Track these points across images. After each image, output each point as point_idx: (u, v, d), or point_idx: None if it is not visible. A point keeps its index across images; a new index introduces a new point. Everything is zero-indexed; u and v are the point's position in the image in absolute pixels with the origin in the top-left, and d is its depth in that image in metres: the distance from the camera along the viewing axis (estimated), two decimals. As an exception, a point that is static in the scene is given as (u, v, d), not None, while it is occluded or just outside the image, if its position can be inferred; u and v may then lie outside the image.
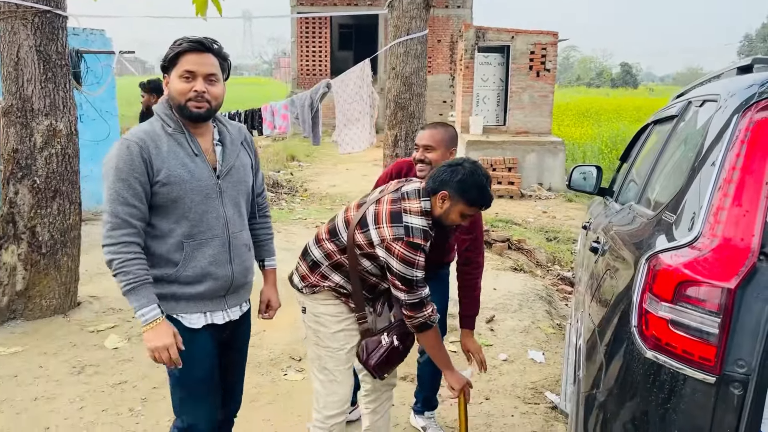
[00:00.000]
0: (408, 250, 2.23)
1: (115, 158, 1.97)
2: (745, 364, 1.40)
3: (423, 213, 2.29)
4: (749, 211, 1.47)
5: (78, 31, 7.64)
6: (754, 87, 1.65)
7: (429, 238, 2.28)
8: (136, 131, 2.04)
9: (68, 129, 4.41)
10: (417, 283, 2.28)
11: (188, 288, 2.10)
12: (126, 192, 1.97)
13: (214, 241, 2.12)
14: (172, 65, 2.05)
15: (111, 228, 1.97)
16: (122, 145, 1.99)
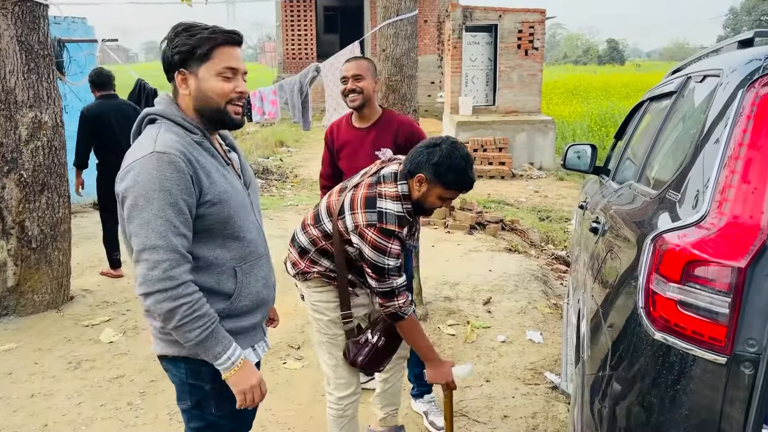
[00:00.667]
0: (380, 236, 2.17)
1: (158, 178, 1.58)
2: (756, 344, 1.39)
3: (399, 197, 2.23)
4: (758, 188, 1.44)
5: (59, 19, 7.48)
6: (757, 61, 1.62)
7: (405, 224, 2.23)
8: (168, 141, 1.64)
9: (54, 120, 4.33)
10: (389, 271, 2.21)
11: (244, 320, 1.82)
12: (177, 219, 1.60)
13: (261, 261, 1.87)
14: (203, 60, 1.69)
15: (169, 267, 1.58)
16: (162, 160, 1.59)
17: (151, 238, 1.57)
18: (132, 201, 1.59)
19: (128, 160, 1.65)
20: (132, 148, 1.70)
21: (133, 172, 1.60)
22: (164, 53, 1.74)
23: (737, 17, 70.77)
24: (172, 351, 1.75)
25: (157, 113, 1.73)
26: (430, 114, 20.69)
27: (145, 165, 1.59)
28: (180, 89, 1.74)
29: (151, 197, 1.57)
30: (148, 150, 1.62)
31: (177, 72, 1.72)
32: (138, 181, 1.58)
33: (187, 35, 1.69)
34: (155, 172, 1.58)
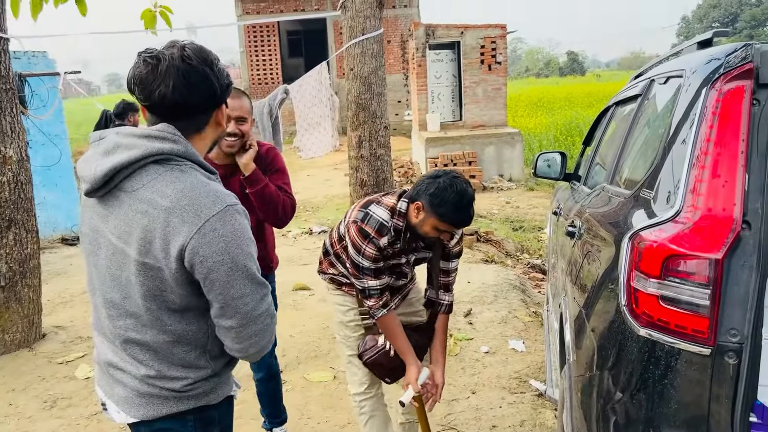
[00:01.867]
0: (358, 235, 2.29)
1: (246, 231, 1.47)
2: (738, 333, 1.42)
3: (392, 209, 2.32)
4: (728, 181, 1.48)
5: (19, 54, 7.38)
6: (718, 60, 1.67)
7: (385, 234, 2.29)
8: (224, 191, 1.47)
9: (19, 155, 4.24)
10: (363, 270, 2.33)
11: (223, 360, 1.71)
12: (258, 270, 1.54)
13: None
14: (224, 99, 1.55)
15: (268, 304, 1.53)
16: (240, 212, 1.46)
17: (261, 292, 1.50)
18: (231, 263, 1.42)
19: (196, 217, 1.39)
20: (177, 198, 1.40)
21: (216, 232, 1.40)
22: (215, 84, 1.47)
23: (689, 25, 73.13)
24: (185, 406, 1.58)
25: (177, 153, 1.45)
26: (398, 132, 20.83)
27: (227, 222, 1.42)
28: (216, 128, 1.54)
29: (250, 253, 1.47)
30: (218, 203, 1.42)
31: (222, 106, 1.52)
32: (229, 241, 1.41)
33: (221, 70, 1.51)
34: (240, 226, 1.45)
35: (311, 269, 6.16)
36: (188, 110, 1.46)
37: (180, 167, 1.45)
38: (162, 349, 1.53)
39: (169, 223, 1.39)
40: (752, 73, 1.55)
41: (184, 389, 1.57)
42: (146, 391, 1.56)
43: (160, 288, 1.46)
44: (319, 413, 3.39)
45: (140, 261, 1.43)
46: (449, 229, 2.28)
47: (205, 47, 1.51)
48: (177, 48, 1.44)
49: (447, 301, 2.58)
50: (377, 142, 4.43)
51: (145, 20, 5.08)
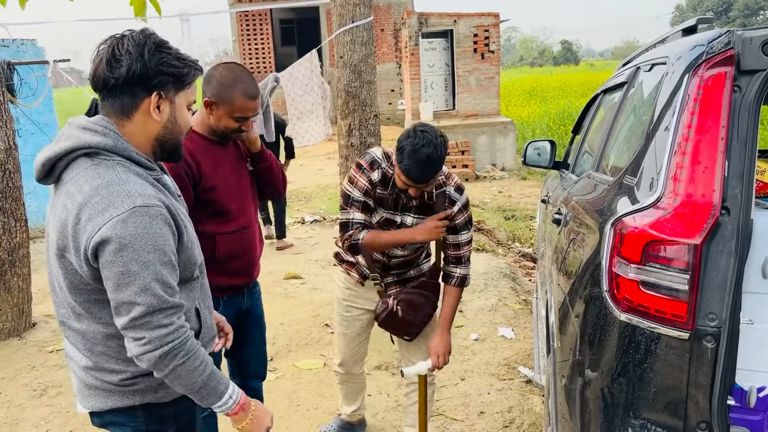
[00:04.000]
0: (355, 168, 2.46)
1: (151, 237, 1.39)
2: (716, 317, 1.43)
3: (387, 154, 2.46)
4: (708, 168, 1.49)
5: (8, 42, 7.32)
6: (701, 47, 1.68)
7: (376, 168, 2.41)
8: (142, 189, 1.42)
9: (6, 143, 4.22)
10: (352, 201, 2.43)
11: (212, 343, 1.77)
12: (172, 278, 1.46)
13: (208, 291, 1.77)
14: (182, 88, 1.52)
15: (165, 317, 1.43)
16: (149, 214, 1.40)
17: (153, 303, 1.40)
18: (122, 268, 1.37)
19: (98, 219, 1.36)
20: (89, 196, 1.38)
21: (115, 236, 1.35)
22: (135, 63, 1.42)
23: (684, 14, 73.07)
24: (130, 401, 1.57)
25: (104, 147, 1.43)
26: (391, 122, 20.78)
27: (129, 225, 1.37)
28: (151, 115, 1.48)
29: (146, 261, 1.39)
30: (125, 204, 1.37)
31: (154, 93, 1.46)
32: (126, 245, 1.36)
33: (173, 56, 1.48)
34: (144, 231, 1.38)
35: (303, 258, 6.17)
36: (113, 89, 1.45)
37: (107, 162, 1.43)
38: (98, 340, 1.53)
39: (79, 220, 1.39)
40: (733, 59, 1.56)
41: (123, 383, 1.55)
42: (90, 382, 1.57)
43: (81, 281, 1.46)
44: (308, 400, 3.41)
45: (59, 254, 1.46)
46: (408, 182, 2.29)
47: (157, 35, 1.49)
48: (129, 31, 1.48)
49: (459, 274, 2.57)
50: (367, 130, 4.42)
51: (135, 7, 5.04)
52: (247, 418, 1.61)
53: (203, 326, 1.67)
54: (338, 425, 3.03)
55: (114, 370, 1.54)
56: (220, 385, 1.54)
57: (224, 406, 1.56)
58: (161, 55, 1.45)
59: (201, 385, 1.50)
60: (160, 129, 1.51)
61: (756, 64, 1.54)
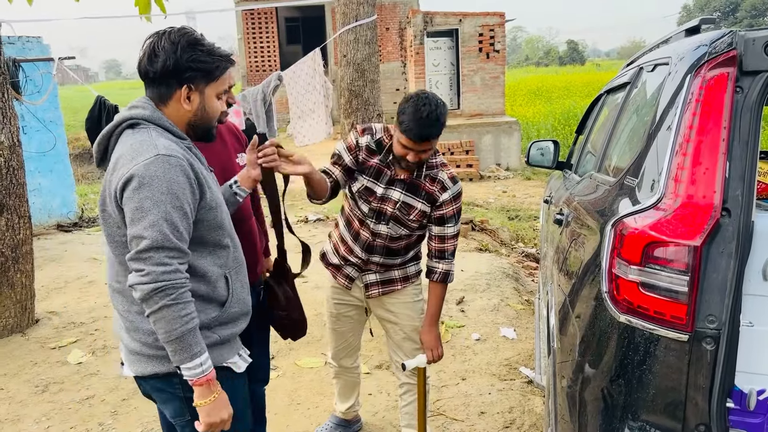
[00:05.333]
0: (352, 132, 2.52)
1: (166, 181, 1.54)
2: (716, 320, 1.42)
3: (386, 128, 2.52)
4: (709, 169, 1.48)
5: (13, 39, 7.34)
6: (704, 47, 1.67)
7: (366, 133, 2.48)
8: (168, 144, 1.61)
9: (10, 140, 4.23)
10: (332, 155, 2.53)
11: (234, 327, 1.80)
12: (182, 224, 1.58)
13: (243, 267, 1.86)
14: (213, 80, 1.71)
15: (167, 257, 1.55)
16: (169, 162, 1.56)
17: (158, 239, 1.53)
18: (137, 204, 1.53)
19: (128, 165, 1.55)
20: (124, 152, 1.59)
21: (137, 174, 1.53)
22: (169, 59, 1.62)
23: (691, 14, 72.78)
24: (166, 368, 1.67)
25: (143, 117, 1.66)
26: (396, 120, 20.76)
27: (150, 167, 1.54)
28: (182, 104, 1.69)
29: (159, 200, 1.53)
30: (151, 152, 1.56)
31: (185, 86, 1.67)
32: (144, 183, 1.53)
33: (205, 53, 1.67)
34: (162, 174, 1.54)
35: (305, 257, 6.17)
36: (152, 79, 1.67)
37: (144, 129, 1.64)
38: (133, 298, 1.62)
39: (115, 169, 1.59)
40: (736, 60, 1.55)
41: (158, 344, 1.64)
42: (132, 347, 1.71)
43: (117, 232, 1.63)
44: (309, 398, 3.41)
45: (101, 209, 1.66)
46: (410, 144, 2.28)
47: (193, 33, 1.69)
48: (171, 28, 1.68)
49: (441, 270, 2.52)
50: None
51: (140, 6, 5.04)
52: (210, 396, 1.63)
53: (232, 295, 1.77)
54: (334, 423, 3.04)
55: (150, 331, 1.64)
56: (195, 347, 1.59)
57: (193, 370, 1.59)
58: (192, 52, 1.65)
59: (179, 335, 1.55)
60: (191, 115, 1.72)
61: (758, 65, 1.53)
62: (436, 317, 2.59)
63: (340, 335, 2.83)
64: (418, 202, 2.47)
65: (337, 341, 2.86)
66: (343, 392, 3.00)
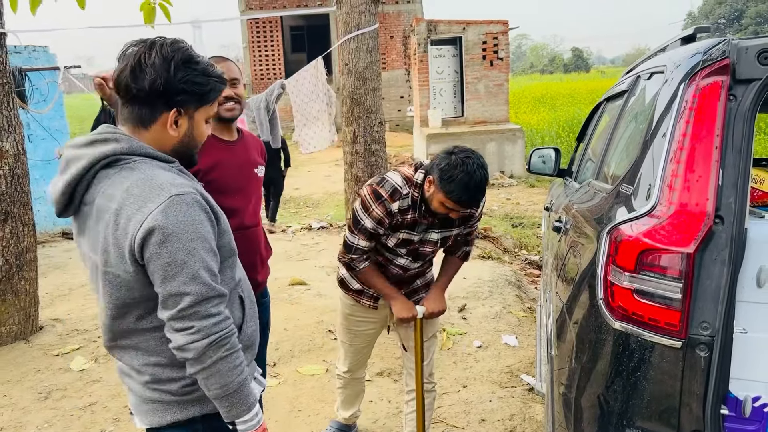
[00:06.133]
0: (370, 195, 2.34)
1: (192, 224, 1.38)
2: (709, 326, 1.43)
3: (407, 178, 2.35)
4: (702, 176, 1.50)
5: (20, 49, 7.41)
6: (698, 55, 1.68)
7: (397, 199, 2.32)
8: (170, 179, 1.41)
9: (15, 149, 4.26)
10: (361, 229, 2.38)
11: (252, 350, 1.67)
12: (215, 265, 1.45)
13: (248, 281, 1.73)
14: (203, 104, 1.50)
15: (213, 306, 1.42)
16: (186, 202, 1.38)
17: (202, 292, 1.39)
18: (169, 259, 1.36)
19: (138, 215, 1.35)
20: (122, 199, 1.38)
21: (158, 226, 1.34)
22: (159, 78, 1.39)
23: (695, 21, 72.72)
24: (190, 413, 1.54)
25: (122, 152, 1.42)
26: (401, 128, 20.82)
27: (170, 214, 1.35)
28: (168, 129, 1.47)
29: (191, 249, 1.38)
30: (161, 195, 1.37)
31: (174, 110, 1.45)
32: (170, 234, 1.35)
33: (200, 73, 1.45)
34: (185, 218, 1.37)
35: (309, 264, 6.19)
36: (135, 97, 1.42)
37: (129, 165, 1.43)
38: (152, 349, 1.50)
39: (119, 225, 1.38)
40: (729, 68, 1.56)
41: (183, 391, 1.52)
42: (149, 396, 1.54)
43: (127, 296, 1.44)
44: (310, 405, 3.41)
45: (104, 270, 1.43)
46: (456, 207, 2.26)
47: (188, 49, 1.46)
48: (161, 39, 1.44)
49: (464, 249, 2.63)
50: (372, 137, 4.44)
51: (144, 14, 5.09)
52: None
53: (246, 314, 1.63)
54: (336, 428, 3.05)
55: (173, 378, 1.51)
56: (251, 396, 1.49)
57: (249, 422, 1.49)
58: (187, 72, 1.43)
59: (236, 387, 1.45)
60: (176, 142, 1.51)
61: (751, 74, 1.54)
62: (446, 285, 2.66)
63: (358, 351, 2.83)
64: (454, 229, 2.49)
65: (354, 356, 2.85)
66: (348, 400, 3.00)
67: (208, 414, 1.55)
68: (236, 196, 2.31)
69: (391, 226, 2.38)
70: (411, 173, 2.37)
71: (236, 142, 2.41)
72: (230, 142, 2.38)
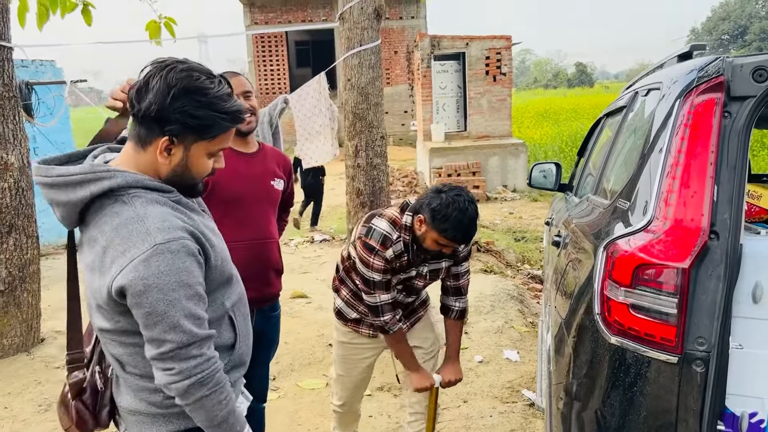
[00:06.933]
0: (364, 250, 2.31)
1: (174, 273, 1.37)
2: (705, 342, 1.43)
3: (393, 221, 2.33)
4: (697, 192, 1.51)
5: (27, 63, 7.50)
6: (693, 73, 1.70)
7: (389, 246, 2.30)
8: (163, 220, 1.40)
9: (20, 162, 4.30)
10: (374, 285, 2.33)
11: (241, 370, 1.68)
12: (199, 308, 1.44)
13: (243, 297, 1.72)
14: (203, 139, 1.45)
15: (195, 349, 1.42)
16: (170, 251, 1.37)
17: (182, 340, 1.39)
18: (148, 309, 1.36)
19: (120, 260, 1.36)
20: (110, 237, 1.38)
21: (137, 279, 1.34)
22: (154, 103, 1.37)
23: (699, 38, 73.00)
24: (174, 426, 1.56)
25: (118, 186, 1.41)
26: (404, 142, 20.89)
27: (151, 265, 1.34)
28: (158, 157, 1.43)
29: (172, 299, 1.37)
30: (145, 243, 1.35)
31: (164, 138, 1.41)
32: (149, 286, 1.35)
33: (203, 106, 1.40)
34: (167, 269, 1.36)
35: (311, 278, 6.20)
36: (135, 115, 1.42)
37: (123, 198, 1.42)
38: (133, 363, 1.51)
39: (104, 262, 1.39)
40: (723, 85, 1.57)
41: (166, 404, 1.53)
42: (135, 407, 1.55)
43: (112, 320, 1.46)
44: (309, 420, 3.40)
45: (91, 291, 1.47)
46: (450, 244, 2.28)
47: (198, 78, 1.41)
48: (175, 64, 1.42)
49: (458, 308, 2.61)
50: (374, 151, 4.47)
51: (150, 31, 5.16)
52: None
53: (238, 335, 1.63)
54: None
55: (156, 389, 1.51)
56: (237, 425, 1.51)
57: None
58: (184, 103, 1.38)
59: (221, 420, 1.47)
60: (168, 170, 1.47)
61: (746, 91, 1.56)
62: (458, 351, 2.67)
63: (355, 385, 2.74)
64: (443, 262, 2.50)
65: (353, 389, 2.75)
66: (345, 423, 2.91)
67: (192, 428, 1.55)
68: (249, 207, 2.32)
69: (393, 271, 2.37)
70: (397, 215, 2.35)
71: (254, 154, 2.43)
72: (247, 154, 2.39)
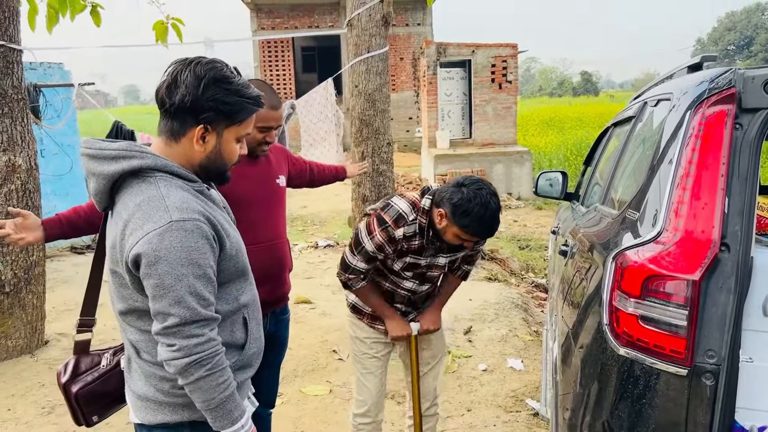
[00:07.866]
0: (375, 221, 2.30)
1: (185, 251, 1.44)
2: (715, 354, 1.42)
3: (413, 204, 2.31)
4: (708, 204, 1.50)
5: (35, 65, 7.53)
6: (704, 84, 1.70)
7: (401, 226, 2.27)
8: (182, 202, 1.47)
9: (28, 164, 4.32)
10: (362, 251, 2.33)
11: (249, 371, 1.71)
12: (207, 290, 1.49)
13: (257, 301, 1.76)
14: (234, 123, 1.56)
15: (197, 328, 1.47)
16: (185, 229, 1.44)
17: (186, 315, 1.45)
18: (157, 280, 1.43)
19: (137, 232, 1.44)
20: (132, 211, 1.47)
21: (150, 250, 1.42)
22: (188, 94, 1.48)
23: (704, 48, 73.00)
24: (179, 416, 1.60)
25: (146, 167, 1.51)
26: (409, 149, 20.89)
27: (165, 239, 1.42)
28: (194, 144, 1.54)
29: (180, 274, 1.43)
30: (162, 219, 1.43)
31: (201, 126, 1.52)
32: (160, 258, 1.42)
33: (231, 92, 1.52)
34: (179, 244, 1.43)
35: (315, 283, 6.19)
36: (167, 111, 1.52)
37: (149, 179, 1.51)
38: (147, 349, 1.58)
39: (124, 235, 1.47)
40: (735, 97, 1.57)
41: (174, 393, 1.57)
42: (144, 392, 1.61)
43: (131, 296, 1.54)
44: (313, 426, 3.39)
45: (111, 270, 1.57)
46: (472, 239, 2.27)
47: (222, 69, 1.52)
48: (199, 59, 1.53)
49: (465, 269, 2.62)
50: (380, 158, 4.47)
51: (157, 32, 5.17)
52: None
53: (250, 336, 1.67)
54: None
55: (165, 377, 1.57)
56: (235, 411, 1.54)
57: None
58: (216, 91, 1.50)
59: (218, 403, 1.51)
60: (203, 157, 1.58)
61: (758, 103, 1.55)
62: (443, 303, 2.66)
63: (378, 378, 2.63)
64: (461, 252, 2.48)
65: (377, 387, 2.62)
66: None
67: (197, 421, 1.61)
68: (257, 209, 2.34)
69: (395, 252, 2.34)
70: (417, 198, 2.32)
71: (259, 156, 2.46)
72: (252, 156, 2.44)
